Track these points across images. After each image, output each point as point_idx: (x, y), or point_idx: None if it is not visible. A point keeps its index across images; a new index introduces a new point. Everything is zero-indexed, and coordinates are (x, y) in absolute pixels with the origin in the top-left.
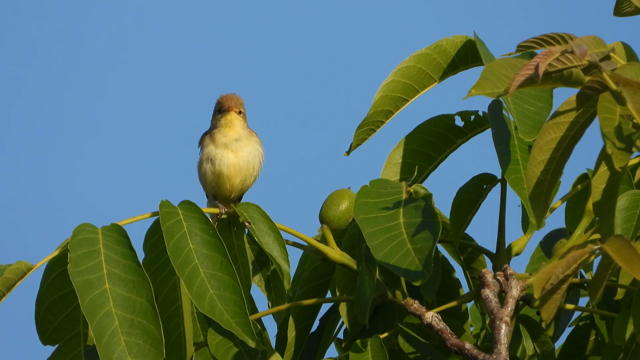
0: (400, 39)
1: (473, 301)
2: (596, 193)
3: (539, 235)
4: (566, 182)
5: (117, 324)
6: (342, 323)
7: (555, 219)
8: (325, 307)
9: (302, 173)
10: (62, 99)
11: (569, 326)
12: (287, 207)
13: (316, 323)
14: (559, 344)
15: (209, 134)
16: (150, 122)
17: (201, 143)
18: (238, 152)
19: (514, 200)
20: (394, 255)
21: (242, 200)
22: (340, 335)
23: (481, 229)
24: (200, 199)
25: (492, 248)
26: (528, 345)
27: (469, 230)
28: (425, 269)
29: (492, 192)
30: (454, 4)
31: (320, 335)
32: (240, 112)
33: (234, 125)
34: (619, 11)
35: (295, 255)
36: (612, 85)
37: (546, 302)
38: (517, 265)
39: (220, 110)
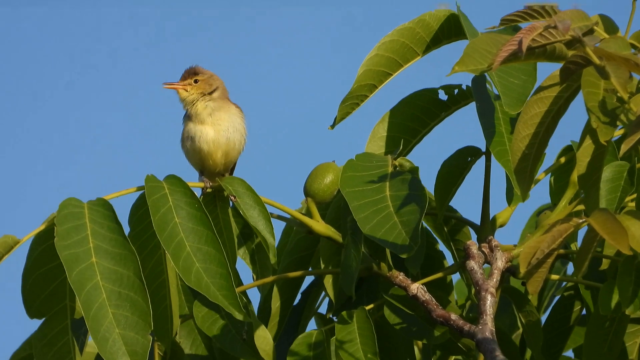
0: (384, 13)
1: (457, 273)
2: (581, 166)
3: (522, 206)
4: (551, 154)
5: (104, 297)
6: (324, 296)
7: (540, 191)
8: (308, 280)
9: (286, 147)
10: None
11: (554, 296)
12: (272, 181)
13: (298, 296)
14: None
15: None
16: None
17: (183, 119)
18: (216, 126)
19: (498, 172)
20: (380, 228)
21: (234, 174)
22: (322, 309)
23: (465, 201)
24: (192, 174)
25: (477, 220)
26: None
27: (453, 202)
28: (413, 241)
29: (476, 165)
30: None
31: (303, 308)
32: (196, 82)
33: (189, 99)
34: None
35: (279, 227)
36: (596, 60)
37: (532, 276)
38: (502, 237)
39: None
